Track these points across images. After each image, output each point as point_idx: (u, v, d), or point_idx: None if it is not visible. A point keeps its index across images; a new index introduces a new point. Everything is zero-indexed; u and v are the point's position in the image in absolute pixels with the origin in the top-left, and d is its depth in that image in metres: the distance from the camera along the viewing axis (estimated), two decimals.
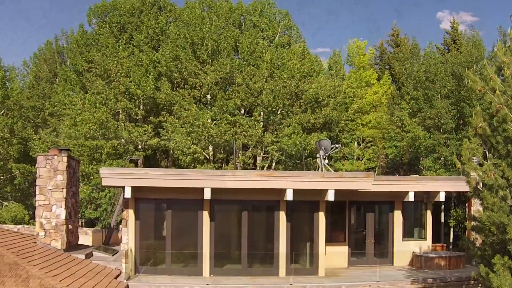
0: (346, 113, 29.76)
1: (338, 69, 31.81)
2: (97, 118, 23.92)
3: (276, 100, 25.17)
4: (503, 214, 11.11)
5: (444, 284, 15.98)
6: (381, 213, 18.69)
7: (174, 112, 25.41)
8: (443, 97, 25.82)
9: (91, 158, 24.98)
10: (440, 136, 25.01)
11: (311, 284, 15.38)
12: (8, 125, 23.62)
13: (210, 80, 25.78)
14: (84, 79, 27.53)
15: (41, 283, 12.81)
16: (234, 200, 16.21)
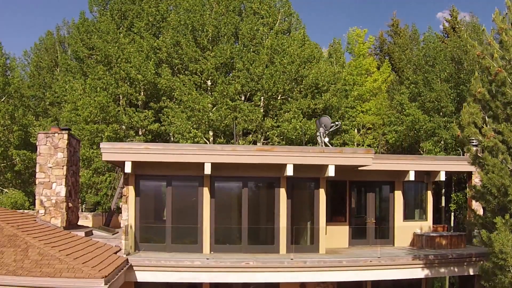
0: (346, 100, 29.81)
1: (338, 57, 31.92)
2: (98, 102, 23.96)
3: (276, 85, 25.24)
4: (504, 175, 11.10)
5: (446, 260, 15.91)
6: (382, 194, 18.66)
7: (174, 97, 25.47)
8: (442, 81, 25.93)
9: (92, 142, 25.00)
10: (440, 119, 25.04)
11: (312, 259, 15.34)
12: (8, 112, 23.62)
13: (211, 65, 25.89)
14: (85, 66, 27.65)
15: (40, 252, 12.78)
16: (235, 177, 16.17)
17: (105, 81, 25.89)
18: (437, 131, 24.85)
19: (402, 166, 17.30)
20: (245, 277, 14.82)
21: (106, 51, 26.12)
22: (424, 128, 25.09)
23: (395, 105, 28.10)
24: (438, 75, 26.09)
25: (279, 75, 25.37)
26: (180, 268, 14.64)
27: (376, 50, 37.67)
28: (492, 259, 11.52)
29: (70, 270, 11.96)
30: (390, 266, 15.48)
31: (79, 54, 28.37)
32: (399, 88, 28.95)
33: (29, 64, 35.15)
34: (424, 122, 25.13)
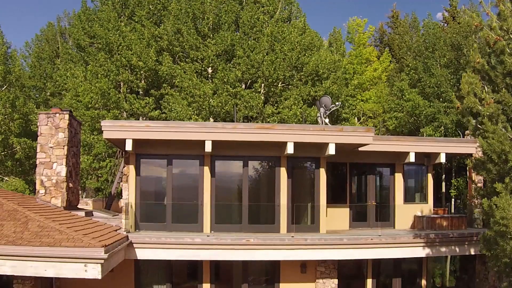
0: (346, 88, 29.84)
1: (338, 46, 32.02)
2: (99, 88, 24.01)
3: (276, 71, 25.32)
4: (504, 141, 11.10)
5: (447, 239, 15.87)
6: (382, 176, 18.62)
7: (175, 85, 25.52)
8: (442, 67, 26.03)
9: (92, 128, 25.01)
10: (440, 105, 25.08)
11: (312, 236, 15.31)
12: (9, 100, 23.65)
13: (211, 52, 25.98)
14: (86, 55, 27.75)
15: (39, 225, 12.78)
16: (235, 156, 16.19)
17: (106, 68, 25.97)
18: (437, 116, 24.87)
19: (402, 148, 17.27)
20: (245, 254, 14.80)
21: (107, 38, 26.21)
22: (424, 113, 25.11)
23: (395, 92, 28.16)
24: (437, 61, 26.19)
25: (280, 62, 25.43)
26: (181, 246, 14.63)
27: (376, 41, 37.81)
28: (494, 228, 11.50)
29: (70, 240, 11.95)
30: (391, 244, 15.45)
31: (81, 42, 28.48)
32: (399, 76, 29.04)
33: (30, 55, 35.28)
34: (424, 107, 25.16)
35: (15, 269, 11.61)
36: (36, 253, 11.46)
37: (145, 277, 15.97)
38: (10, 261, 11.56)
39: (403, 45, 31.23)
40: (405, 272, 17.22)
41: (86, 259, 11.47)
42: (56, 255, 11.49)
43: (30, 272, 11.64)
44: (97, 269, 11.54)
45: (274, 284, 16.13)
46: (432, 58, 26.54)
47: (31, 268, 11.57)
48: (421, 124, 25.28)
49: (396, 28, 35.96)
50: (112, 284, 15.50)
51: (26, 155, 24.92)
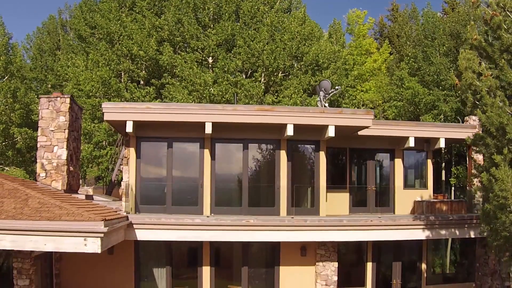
0: (346, 79, 29.92)
1: (338, 37, 32.15)
2: (100, 77, 24.14)
3: (276, 61, 25.45)
4: (502, 114, 11.15)
5: (446, 222, 15.89)
6: (382, 162, 18.63)
7: (176, 74, 25.65)
8: (441, 55, 26.15)
9: (93, 117, 25.11)
10: (439, 93, 25.13)
11: (312, 218, 15.33)
12: (10, 90, 23.77)
13: (212, 42, 26.15)
14: (87, 46, 27.89)
15: (40, 202, 12.82)
16: (235, 139, 16.25)
17: (107, 58, 26.14)
18: (436, 104, 24.90)
19: (402, 132, 17.26)
20: (245, 235, 14.84)
21: (108, 28, 26.37)
22: (424, 101, 25.15)
23: (394, 81, 28.25)
24: (437, 49, 26.30)
25: (280, 52, 25.57)
26: (180, 227, 14.67)
27: (376, 34, 37.95)
28: (493, 202, 11.52)
29: (70, 215, 11.98)
30: (390, 226, 15.47)
31: (82, 33, 28.65)
32: (399, 65, 29.16)
33: (31, 48, 35.50)
34: (424, 95, 25.20)
35: (15, 244, 11.61)
36: (36, 227, 11.47)
37: (145, 259, 15.99)
38: (10, 236, 11.57)
39: (402, 35, 31.44)
40: (405, 256, 17.20)
41: (86, 232, 11.49)
42: (56, 229, 11.50)
43: (30, 247, 11.66)
44: (97, 243, 11.55)
45: (274, 267, 16.14)
46: (432, 46, 26.69)
47: (31, 243, 11.59)
48: (421, 112, 25.31)
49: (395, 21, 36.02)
50: (112, 266, 15.57)
51: (27, 145, 25.01)
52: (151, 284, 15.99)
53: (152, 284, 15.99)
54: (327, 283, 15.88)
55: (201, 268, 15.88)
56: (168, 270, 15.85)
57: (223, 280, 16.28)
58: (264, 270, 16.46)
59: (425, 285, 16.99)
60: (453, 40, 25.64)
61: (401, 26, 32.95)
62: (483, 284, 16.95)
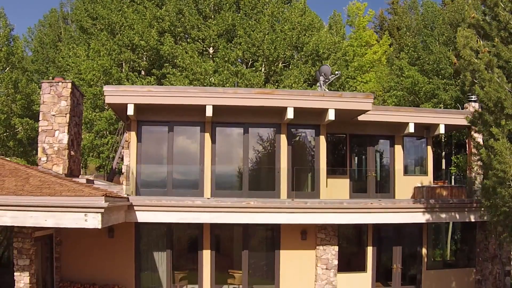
0: (347, 70, 30.03)
1: (338, 29, 32.31)
2: (101, 65, 24.29)
3: (277, 50, 25.61)
4: (499, 88, 11.20)
5: (446, 205, 15.89)
6: (382, 148, 18.65)
7: (176, 64, 25.81)
8: (441, 44, 26.32)
9: (94, 105, 25.23)
10: (439, 82, 25.20)
11: (312, 200, 15.36)
12: (12, 81, 23.90)
13: (213, 33, 26.29)
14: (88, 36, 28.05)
15: (40, 180, 12.90)
16: (236, 123, 16.31)
17: (108, 47, 26.35)
18: (436, 92, 24.97)
19: (402, 118, 17.26)
20: (245, 217, 14.85)
21: (110, 19, 26.58)
22: (423, 90, 25.23)
23: (394, 70, 28.38)
24: (436, 39, 26.46)
25: (280, 41, 25.74)
26: (181, 208, 14.70)
27: (376, 28, 38.10)
28: (493, 178, 11.55)
29: (71, 191, 12.04)
30: (391, 209, 15.49)
31: (83, 24, 28.86)
32: (399, 56, 29.34)
33: (33, 41, 35.72)
34: (424, 84, 25.28)
35: (15, 220, 11.65)
36: (36, 203, 11.51)
37: (145, 244, 16.03)
38: (11, 212, 11.62)
39: (402, 26, 31.68)
40: (406, 241, 17.18)
41: (86, 208, 11.54)
42: (56, 204, 11.55)
43: (30, 223, 11.69)
44: (97, 218, 11.58)
45: (275, 251, 16.15)
46: (431, 36, 26.90)
47: (31, 219, 11.62)
48: (421, 101, 25.38)
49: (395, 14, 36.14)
50: (113, 250, 15.59)
51: (28, 136, 25.12)
52: (152, 268, 16.02)
53: (152, 268, 16.01)
54: (327, 267, 15.88)
55: (201, 252, 15.89)
56: (169, 254, 15.87)
57: (223, 264, 16.32)
58: (265, 254, 16.49)
59: (426, 270, 16.98)
60: (453, 30, 25.78)
61: (401, 17, 33.20)
62: (483, 270, 16.94)
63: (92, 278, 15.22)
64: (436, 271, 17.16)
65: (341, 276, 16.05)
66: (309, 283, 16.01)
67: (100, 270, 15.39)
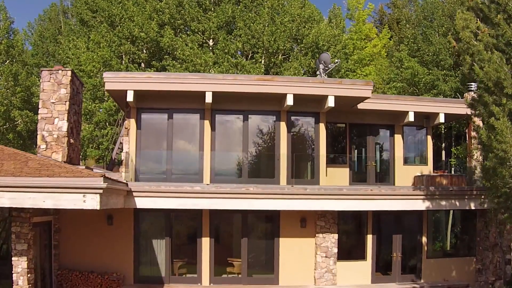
0: (346, 63, 30.06)
1: (338, 22, 32.38)
2: (101, 57, 24.34)
3: (277, 42, 25.68)
4: (499, 68, 11.18)
5: (447, 193, 15.83)
6: (381, 138, 18.61)
7: (176, 57, 25.86)
8: (440, 36, 26.40)
9: (94, 97, 25.24)
10: (438, 73, 25.21)
11: (312, 186, 15.31)
12: (12, 73, 23.92)
13: (213, 25, 26.34)
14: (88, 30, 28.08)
15: (39, 163, 12.85)
16: (235, 110, 16.28)
17: (108, 39, 26.40)
18: (436, 83, 24.96)
19: (401, 107, 17.21)
20: (244, 203, 14.80)
21: (110, 11, 26.66)
22: (423, 81, 25.24)
23: (394, 62, 28.43)
24: (436, 30, 26.53)
25: (280, 33, 25.82)
26: (180, 194, 14.63)
27: (376, 23, 38.13)
28: (493, 160, 11.50)
29: (70, 172, 11.99)
30: (390, 196, 15.43)
31: (83, 17, 28.93)
32: (399, 48, 29.43)
33: (33, 35, 35.78)
34: (423, 75, 25.29)
35: (13, 201, 11.58)
36: (35, 184, 11.44)
37: (144, 231, 15.98)
38: (9, 193, 11.53)
39: (402, 18, 31.83)
40: (406, 230, 17.11)
41: (85, 188, 11.46)
42: (55, 185, 11.47)
43: (29, 204, 11.61)
44: (96, 199, 11.50)
45: (274, 239, 16.10)
46: (431, 27, 26.99)
47: (30, 200, 11.54)
48: (420, 92, 25.38)
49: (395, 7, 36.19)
50: (112, 237, 15.53)
51: (28, 129, 25.11)
52: (151, 256, 15.96)
53: (151, 256, 15.95)
54: (327, 254, 15.82)
55: (200, 240, 15.84)
56: (168, 242, 15.82)
57: (222, 252, 16.25)
58: (264, 242, 16.43)
59: (426, 259, 16.90)
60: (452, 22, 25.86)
61: (400, 10, 33.35)
62: (484, 259, 16.86)
63: (91, 266, 15.16)
64: (436, 260, 17.06)
65: (341, 264, 15.98)
66: (308, 271, 15.94)
67: (98, 258, 15.33)
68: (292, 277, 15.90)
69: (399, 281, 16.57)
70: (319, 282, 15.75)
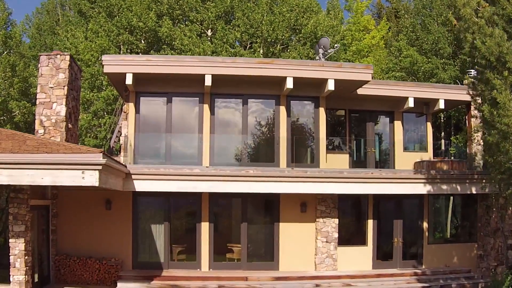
0: (345, 54, 30.06)
1: (336, 13, 32.43)
2: (99, 45, 24.24)
3: (275, 31, 25.67)
4: (501, 42, 11.14)
5: (448, 176, 15.75)
6: (381, 124, 18.53)
7: (175, 46, 25.81)
8: (439, 25, 26.43)
9: (92, 86, 25.11)
10: (438, 61, 25.20)
11: (312, 169, 15.21)
12: (10, 64, 23.79)
13: (211, 14, 26.31)
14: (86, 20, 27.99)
15: (38, 142, 12.74)
16: (235, 94, 16.19)
17: (106, 29, 26.34)
18: (435, 72, 24.94)
19: (401, 93, 17.16)
20: (244, 186, 14.70)
21: (108, 1, 26.59)
22: (422, 69, 25.23)
23: (393, 51, 28.44)
24: (435, 19, 26.57)
25: (278, 23, 25.83)
26: (179, 177, 14.52)
27: (374, 16, 38.17)
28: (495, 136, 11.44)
29: (68, 149, 11.88)
30: (391, 179, 15.37)
31: (82, 7, 28.86)
32: (397, 38, 29.48)
33: (30, 28, 35.68)
34: (422, 63, 25.29)
35: (12, 178, 11.46)
36: (33, 160, 11.31)
37: (143, 215, 15.82)
38: (7, 170, 11.41)
39: (400, 8, 31.94)
40: (407, 215, 17.00)
41: (84, 164, 11.33)
42: (53, 161, 11.34)
43: (27, 181, 11.48)
44: (95, 176, 11.35)
45: (274, 224, 15.97)
46: (429, 16, 27.05)
47: (28, 177, 11.42)
48: (420, 81, 25.30)
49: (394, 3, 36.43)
50: (110, 223, 15.38)
51: (25, 120, 24.97)
52: (149, 241, 15.79)
53: (150, 241, 15.79)
54: (327, 239, 15.70)
55: (199, 224, 15.70)
56: (167, 227, 15.67)
57: (222, 237, 16.10)
58: (264, 227, 16.28)
59: (427, 244, 16.78)
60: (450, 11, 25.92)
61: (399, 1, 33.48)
62: (485, 245, 16.76)
63: (89, 251, 15.00)
64: (438, 246, 16.97)
65: (342, 249, 15.86)
66: (309, 256, 15.81)
67: (97, 243, 15.17)
68: (292, 262, 15.77)
69: (400, 267, 16.44)
70: (320, 267, 15.62)
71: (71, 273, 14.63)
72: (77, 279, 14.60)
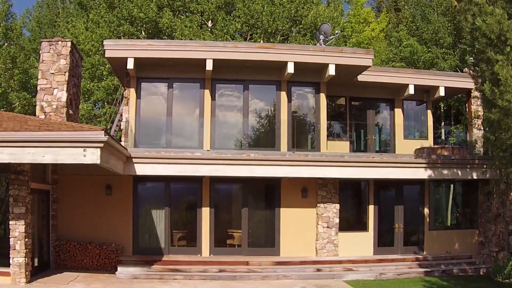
0: (345, 46, 30.03)
1: (336, 6, 32.51)
2: (100, 35, 24.27)
3: (275, 22, 25.75)
4: (502, 19, 11.17)
5: (448, 161, 15.74)
6: (381, 112, 18.54)
7: (175, 37, 25.85)
8: (439, 15, 26.52)
9: (93, 76, 25.10)
10: (438, 51, 25.27)
11: (313, 153, 15.20)
12: (10, 55, 23.80)
13: (212, 5, 26.37)
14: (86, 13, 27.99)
15: (39, 122, 12.73)
16: (236, 80, 16.19)
17: (107, 19, 26.39)
18: (435, 61, 24.99)
19: (401, 80, 17.19)
20: (245, 170, 14.67)
21: None
22: (422, 59, 25.28)
23: (393, 42, 28.54)
24: (435, 9, 26.68)
25: (279, 14, 25.91)
26: (180, 160, 14.50)
27: (374, 10, 38.21)
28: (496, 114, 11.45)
29: (70, 127, 11.87)
30: (392, 164, 15.35)
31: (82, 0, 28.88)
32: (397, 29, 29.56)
33: (30, 22, 35.72)
34: (422, 53, 25.36)
35: (13, 157, 11.41)
36: (34, 138, 11.29)
37: (144, 201, 15.80)
38: (9, 148, 11.37)
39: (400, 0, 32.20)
40: (407, 200, 16.97)
41: (86, 142, 11.31)
42: (54, 139, 11.32)
43: (28, 159, 11.45)
44: (96, 153, 11.32)
45: (275, 209, 15.96)
46: (430, 6, 27.16)
47: (29, 155, 11.38)
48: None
49: None
50: (110, 208, 15.34)
51: (26, 111, 24.96)
52: (150, 227, 15.76)
53: (150, 227, 15.76)
54: (328, 225, 15.68)
55: (200, 209, 15.68)
56: (167, 212, 15.65)
57: (222, 223, 16.08)
58: (265, 213, 16.25)
59: (428, 230, 16.76)
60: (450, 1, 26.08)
61: None
62: (486, 231, 16.74)
63: (89, 236, 14.96)
64: (439, 232, 16.95)
65: (343, 234, 15.84)
66: (310, 241, 15.78)
67: (97, 228, 15.13)
68: (293, 247, 15.75)
69: (402, 253, 16.42)
70: (321, 253, 15.59)
71: (71, 258, 14.56)
72: (77, 264, 14.54)
